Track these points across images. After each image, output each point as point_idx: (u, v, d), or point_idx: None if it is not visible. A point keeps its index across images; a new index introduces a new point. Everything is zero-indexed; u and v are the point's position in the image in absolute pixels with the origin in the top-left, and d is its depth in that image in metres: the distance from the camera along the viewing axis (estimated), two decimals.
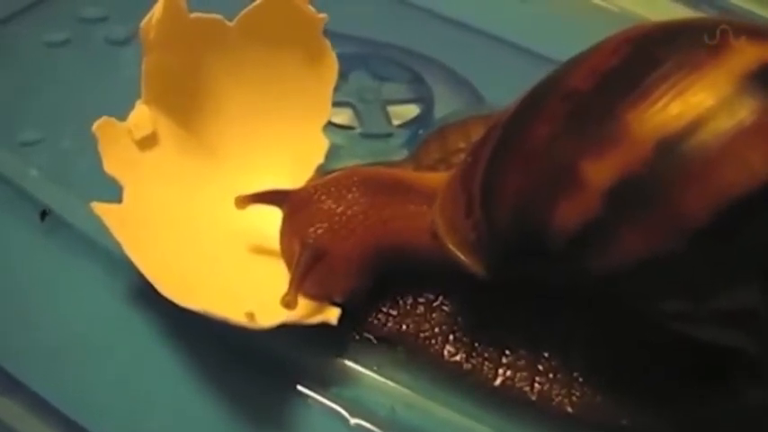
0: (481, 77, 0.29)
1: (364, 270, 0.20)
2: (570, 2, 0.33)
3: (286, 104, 0.24)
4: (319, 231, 0.20)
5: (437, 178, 0.21)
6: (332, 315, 0.20)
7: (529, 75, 0.19)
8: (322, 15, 0.23)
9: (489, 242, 0.19)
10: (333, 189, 0.21)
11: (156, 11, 0.22)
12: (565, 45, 0.19)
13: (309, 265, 0.20)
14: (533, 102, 0.19)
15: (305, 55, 0.24)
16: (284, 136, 0.24)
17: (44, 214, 0.24)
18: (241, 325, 0.19)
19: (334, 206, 0.20)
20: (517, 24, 0.32)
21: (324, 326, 0.20)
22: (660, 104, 0.16)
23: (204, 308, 0.18)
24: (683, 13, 0.33)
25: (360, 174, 0.21)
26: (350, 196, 0.20)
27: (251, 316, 0.19)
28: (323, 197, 0.21)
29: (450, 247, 0.20)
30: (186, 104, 0.24)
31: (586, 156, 0.17)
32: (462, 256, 0.19)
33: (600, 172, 0.17)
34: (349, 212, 0.20)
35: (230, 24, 0.23)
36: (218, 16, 0.23)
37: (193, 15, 0.23)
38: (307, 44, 0.24)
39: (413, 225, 0.20)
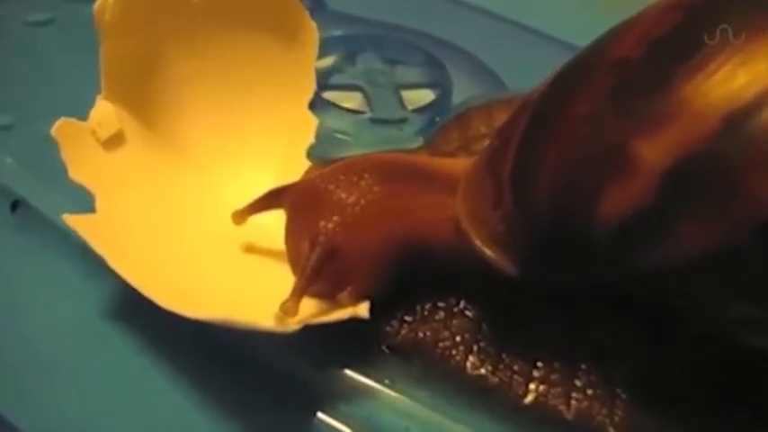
0: (502, 63, 0.27)
1: (381, 268, 0.19)
2: None
3: (264, 83, 0.23)
4: (330, 226, 0.18)
5: (460, 164, 0.19)
6: (362, 308, 0.18)
7: (553, 62, 0.18)
8: None
9: (521, 236, 0.17)
10: (342, 177, 0.19)
11: None
12: (590, 31, 0.18)
13: (320, 265, 0.18)
14: (572, 75, 0.17)
15: (279, 25, 0.22)
16: (266, 119, 0.23)
17: (15, 205, 0.22)
18: (267, 330, 0.17)
19: (344, 196, 0.19)
20: (539, 10, 0.31)
21: (328, 335, 0.18)
22: (722, 74, 0.15)
23: (215, 317, 0.17)
24: None
25: (372, 159, 0.20)
26: (362, 184, 0.19)
27: (280, 319, 0.17)
28: (331, 187, 0.19)
29: (476, 241, 0.18)
30: (152, 95, 0.22)
31: (639, 133, 0.15)
32: (489, 252, 0.18)
33: (656, 151, 0.15)
34: (362, 202, 0.18)
35: None
36: None
37: None
38: (280, 13, 0.22)
39: (433, 217, 0.19)
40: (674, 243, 0.15)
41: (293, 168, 0.22)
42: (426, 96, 0.26)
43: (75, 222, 0.19)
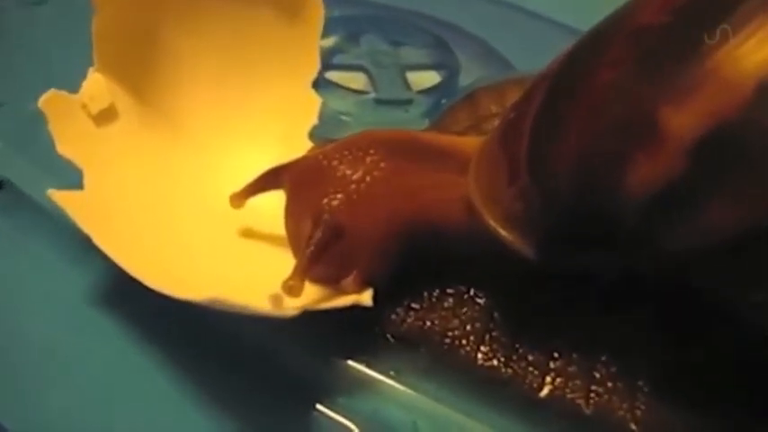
0: (510, 47, 0.27)
1: (388, 250, 0.18)
2: None
3: (266, 60, 0.22)
4: (334, 203, 0.17)
5: (471, 142, 0.18)
6: (365, 295, 0.18)
7: (560, 47, 0.17)
8: None
9: (539, 213, 0.16)
10: (346, 153, 0.18)
11: None
12: (594, 16, 0.17)
13: (324, 243, 0.17)
14: (593, 45, 0.16)
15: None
16: (268, 97, 0.22)
17: None
18: (263, 314, 0.16)
19: (349, 172, 0.18)
20: None
21: (329, 323, 0.17)
22: (755, 39, 0.14)
23: (209, 298, 0.16)
24: None
25: (379, 135, 0.19)
26: (368, 160, 0.18)
27: (277, 301, 0.17)
28: (334, 163, 0.18)
29: (490, 221, 0.17)
30: (148, 69, 0.22)
31: (667, 102, 0.14)
32: (504, 233, 0.17)
33: (685, 120, 0.14)
34: (368, 179, 0.18)
35: None
36: None
37: None
38: None
39: (443, 196, 0.18)
40: (703, 221, 0.14)
41: (295, 149, 0.21)
42: (432, 78, 0.26)
43: (61, 198, 0.18)
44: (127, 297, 0.19)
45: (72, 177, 0.19)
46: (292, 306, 0.17)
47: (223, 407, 0.18)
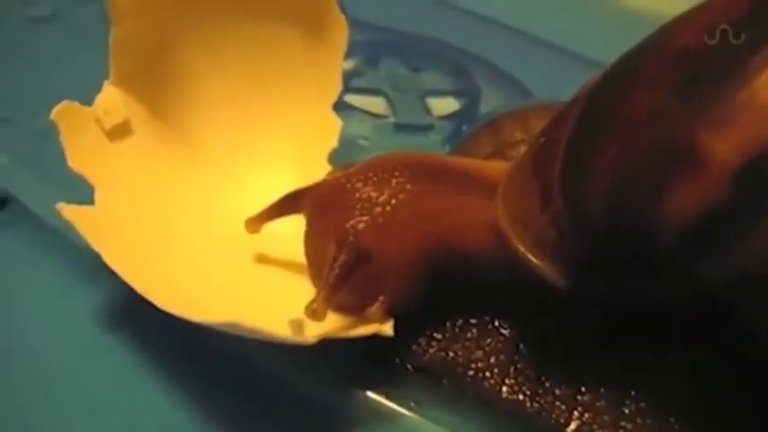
0: (530, 77, 0.26)
1: (414, 276, 0.17)
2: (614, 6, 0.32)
3: (287, 79, 0.21)
4: (360, 226, 0.17)
5: (499, 167, 0.18)
6: (386, 325, 0.17)
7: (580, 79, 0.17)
8: None
9: (572, 240, 0.16)
10: (371, 174, 0.17)
11: None
12: (613, 49, 0.17)
13: (350, 267, 0.16)
14: (628, 68, 0.16)
15: (305, 17, 0.21)
16: (286, 117, 0.21)
17: (4, 202, 0.21)
18: (281, 340, 0.16)
19: (375, 194, 0.17)
20: (565, 28, 0.30)
21: (347, 352, 0.17)
22: None
23: (225, 322, 0.15)
24: None
25: (404, 157, 0.18)
26: (394, 182, 0.17)
27: (296, 327, 0.16)
28: (359, 185, 0.17)
29: (519, 247, 0.16)
30: (165, 84, 0.21)
31: (708, 126, 0.14)
32: (535, 260, 0.16)
33: (727, 146, 0.14)
34: (394, 202, 0.17)
35: None
36: None
37: None
38: (306, 4, 0.21)
39: (470, 221, 0.17)
40: (746, 250, 0.14)
41: (313, 172, 0.20)
42: (451, 105, 0.25)
43: (70, 213, 0.18)
44: (134, 316, 0.18)
45: (79, 194, 0.19)
46: (312, 333, 0.16)
47: None
